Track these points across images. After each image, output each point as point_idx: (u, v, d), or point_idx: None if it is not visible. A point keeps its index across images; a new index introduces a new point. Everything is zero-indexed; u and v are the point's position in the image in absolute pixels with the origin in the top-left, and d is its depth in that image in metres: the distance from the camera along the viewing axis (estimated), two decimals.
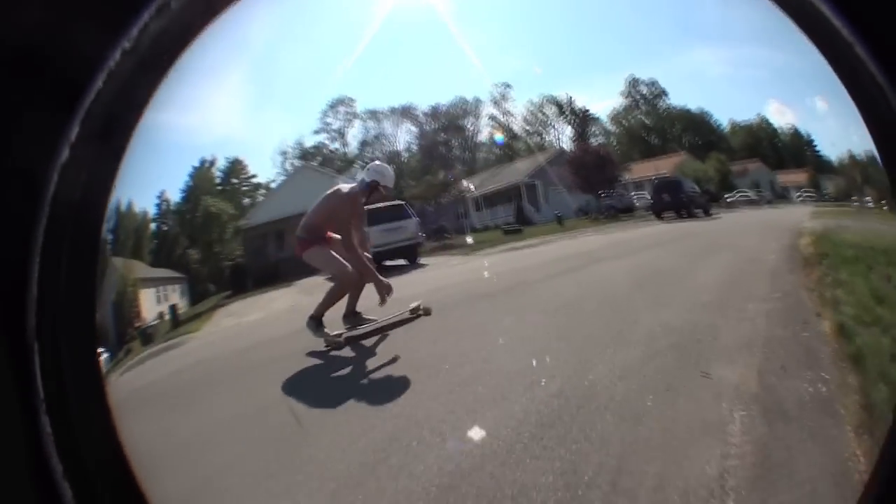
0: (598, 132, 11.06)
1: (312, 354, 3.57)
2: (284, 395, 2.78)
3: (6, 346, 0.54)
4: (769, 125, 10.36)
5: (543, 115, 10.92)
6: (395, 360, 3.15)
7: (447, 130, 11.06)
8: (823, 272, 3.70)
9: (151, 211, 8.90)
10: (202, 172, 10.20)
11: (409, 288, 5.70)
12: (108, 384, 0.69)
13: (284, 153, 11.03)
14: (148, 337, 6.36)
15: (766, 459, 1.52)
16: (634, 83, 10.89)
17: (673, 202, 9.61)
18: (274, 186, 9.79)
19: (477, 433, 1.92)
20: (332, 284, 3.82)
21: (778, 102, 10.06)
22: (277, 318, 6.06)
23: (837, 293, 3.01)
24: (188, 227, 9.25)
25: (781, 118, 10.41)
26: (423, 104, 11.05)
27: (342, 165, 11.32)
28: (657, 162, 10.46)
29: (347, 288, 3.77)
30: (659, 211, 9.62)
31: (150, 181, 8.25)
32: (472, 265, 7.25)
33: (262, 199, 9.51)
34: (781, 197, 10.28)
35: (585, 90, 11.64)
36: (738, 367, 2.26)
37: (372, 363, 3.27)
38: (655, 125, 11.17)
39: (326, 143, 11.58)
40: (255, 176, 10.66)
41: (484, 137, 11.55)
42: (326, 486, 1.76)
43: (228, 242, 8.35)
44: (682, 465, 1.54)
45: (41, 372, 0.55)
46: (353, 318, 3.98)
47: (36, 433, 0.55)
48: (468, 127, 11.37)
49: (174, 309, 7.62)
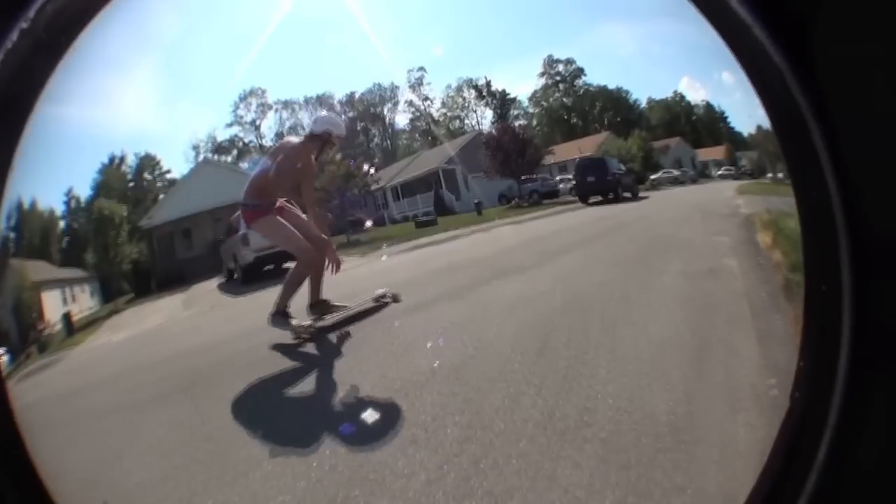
0: (519, 115, 10.91)
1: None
2: None
3: None
4: (684, 101, 10.32)
5: (462, 98, 10.72)
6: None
7: (365, 118, 10.77)
8: None
9: (59, 208, 8.60)
10: (112, 169, 9.85)
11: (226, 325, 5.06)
12: (9, 386, 0.72)
13: (196, 147, 10.68)
14: (43, 345, 6.19)
15: None
16: (551, 62, 10.74)
17: (599, 184, 9.16)
18: (175, 184, 9.47)
19: None
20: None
21: (689, 78, 10.01)
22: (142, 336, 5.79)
23: None
24: (83, 230, 8.93)
25: (695, 94, 10.41)
26: (339, 93, 10.74)
27: (259, 158, 11.02)
28: (580, 142, 10.46)
29: (307, 269, 3.38)
30: (584, 195, 9.21)
31: (55, 177, 7.94)
32: (356, 272, 6.15)
33: (162, 197, 9.18)
34: (702, 174, 10.29)
35: (504, 73, 11.50)
36: None
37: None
38: (575, 105, 11.11)
39: (241, 135, 11.24)
40: (168, 171, 10.35)
41: (404, 124, 11.31)
42: None
43: (123, 245, 8.07)
44: None
45: None
46: (320, 306, 3.52)
47: None
48: (386, 114, 11.12)
49: (67, 317, 7.37)
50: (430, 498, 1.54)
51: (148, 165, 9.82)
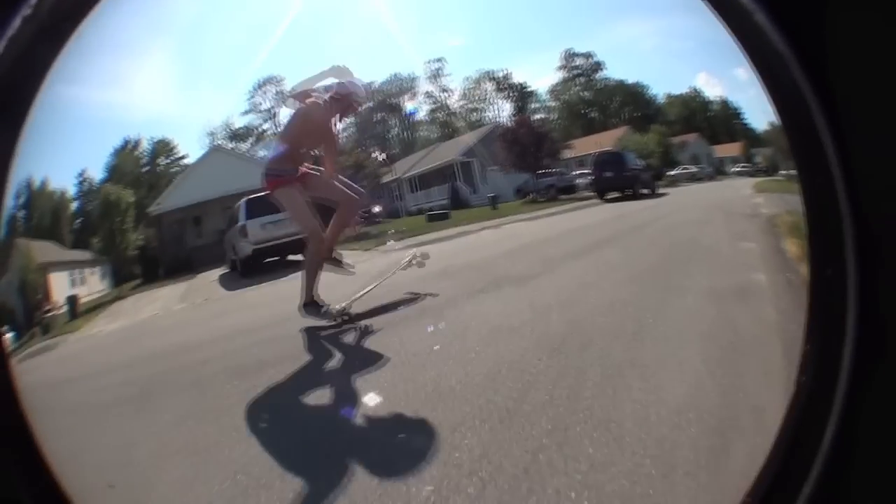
0: (538, 108, 11.01)
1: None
2: None
3: None
4: (701, 96, 10.49)
5: (481, 91, 10.79)
6: None
7: (382, 108, 10.80)
8: None
9: (72, 190, 8.50)
10: (125, 152, 9.77)
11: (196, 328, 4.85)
12: (12, 363, 0.71)
13: (212, 134, 10.63)
14: (46, 327, 6.13)
15: None
16: (570, 56, 10.87)
17: (616, 180, 9.07)
18: (185, 170, 9.38)
19: None
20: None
21: (706, 74, 10.17)
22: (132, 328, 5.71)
23: None
24: (94, 213, 8.85)
25: (711, 90, 10.58)
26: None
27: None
28: (599, 137, 10.51)
29: (319, 254, 3.37)
30: (602, 190, 9.08)
31: (68, 159, 7.86)
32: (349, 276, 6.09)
33: (172, 183, 9.09)
34: (719, 170, 10.42)
35: (523, 66, 11.61)
36: None
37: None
38: (594, 99, 11.22)
39: (258, 123, 11.21)
40: (184, 157, 10.26)
41: (423, 115, 11.36)
42: None
43: (128, 231, 7.98)
44: None
45: None
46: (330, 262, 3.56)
47: None
48: (405, 104, 11.16)
49: (72, 300, 7.28)
50: None
51: (163, 150, 9.73)
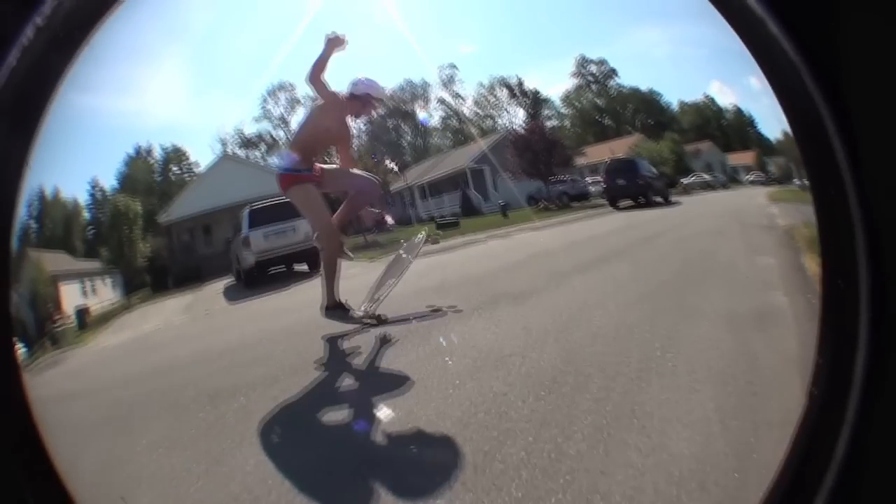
0: (551, 115, 11.06)
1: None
2: None
3: None
4: (715, 105, 10.56)
5: (494, 97, 10.84)
6: None
7: (395, 115, 10.85)
8: None
9: (84, 199, 8.51)
10: (138, 160, 9.80)
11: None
12: (25, 377, 0.72)
13: (223, 141, 10.66)
14: (55, 339, 6.12)
15: None
16: (584, 63, 10.93)
17: (629, 188, 8.99)
18: (195, 179, 9.39)
19: None
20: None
21: (720, 82, 10.24)
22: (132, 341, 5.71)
23: None
24: (105, 222, 8.86)
25: (725, 98, 10.65)
26: None
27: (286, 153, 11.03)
28: (612, 144, 10.53)
29: (334, 253, 3.33)
30: (614, 198, 9.04)
31: (81, 168, 7.88)
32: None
33: (181, 192, 9.10)
34: (732, 179, 10.46)
35: (536, 73, 11.66)
36: None
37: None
38: (608, 106, 11.27)
39: (270, 130, 11.25)
40: (197, 164, 10.29)
41: (436, 122, 11.40)
42: None
43: (137, 241, 7.97)
44: None
45: None
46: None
47: None
48: (418, 111, 11.21)
49: (81, 312, 7.28)
50: None
51: (175, 158, 9.75)
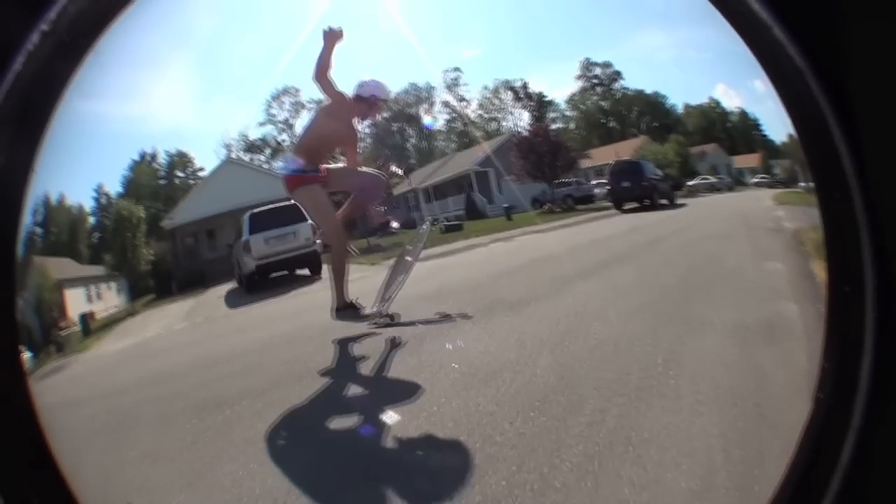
0: (555, 117, 11.14)
1: None
2: None
3: None
4: (720, 107, 10.67)
5: (499, 100, 10.93)
6: None
7: (400, 119, 10.91)
8: None
9: (89, 204, 8.60)
10: (142, 166, 9.90)
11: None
12: (31, 383, 0.73)
13: (228, 146, 10.74)
14: (60, 346, 6.07)
15: None
16: (589, 65, 11.02)
17: (634, 190, 8.95)
18: (199, 183, 9.47)
19: None
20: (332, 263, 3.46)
21: (725, 85, 10.33)
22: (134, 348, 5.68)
23: None
24: (104, 230, 8.94)
25: (730, 101, 10.75)
26: None
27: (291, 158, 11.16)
28: (617, 146, 10.60)
29: (342, 254, 3.33)
30: (619, 201, 9.01)
31: (86, 173, 7.96)
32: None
33: (185, 197, 9.17)
34: (738, 181, 10.54)
35: (541, 76, 11.74)
36: None
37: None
38: (613, 108, 11.35)
39: (274, 134, 11.34)
40: (201, 169, 10.36)
41: (440, 125, 11.49)
42: None
43: (140, 247, 8.04)
44: None
45: None
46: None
47: None
48: (422, 115, 11.29)
49: (85, 318, 7.33)
50: None
51: (180, 163, 9.83)
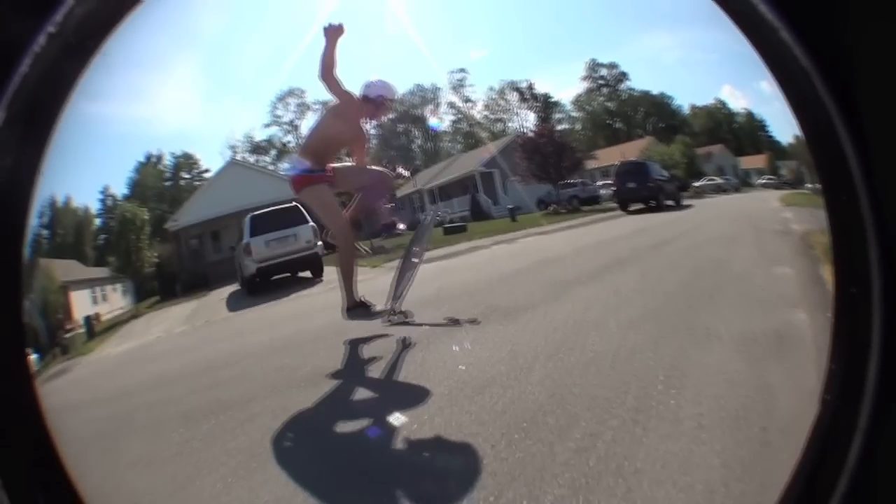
0: (561, 118, 11.18)
1: None
2: None
3: None
4: (726, 108, 10.71)
5: (505, 101, 10.97)
6: None
7: (406, 120, 10.95)
8: None
9: (95, 206, 8.66)
10: (148, 167, 9.97)
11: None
12: (38, 384, 0.74)
13: (234, 147, 10.80)
14: (65, 348, 6.14)
15: None
16: (595, 66, 11.06)
17: (640, 191, 9.01)
18: (203, 185, 9.52)
19: None
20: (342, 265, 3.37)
21: (731, 86, 10.38)
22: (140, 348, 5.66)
23: None
24: (109, 231, 9.01)
25: (736, 102, 10.80)
26: None
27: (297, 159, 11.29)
28: (623, 147, 10.63)
29: (350, 253, 3.30)
30: (624, 201, 9.06)
31: (92, 175, 8.02)
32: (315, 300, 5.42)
33: (189, 199, 9.22)
34: (744, 182, 10.58)
35: (548, 76, 11.78)
36: None
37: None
38: (619, 109, 11.38)
39: (279, 135, 11.40)
40: (207, 171, 10.43)
41: (446, 126, 11.55)
42: None
43: (143, 249, 8.09)
44: None
45: None
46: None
47: None
48: (428, 116, 11.34)
49: (89, 320, 7.39)
50: None
51: (185, 164, 9.88)
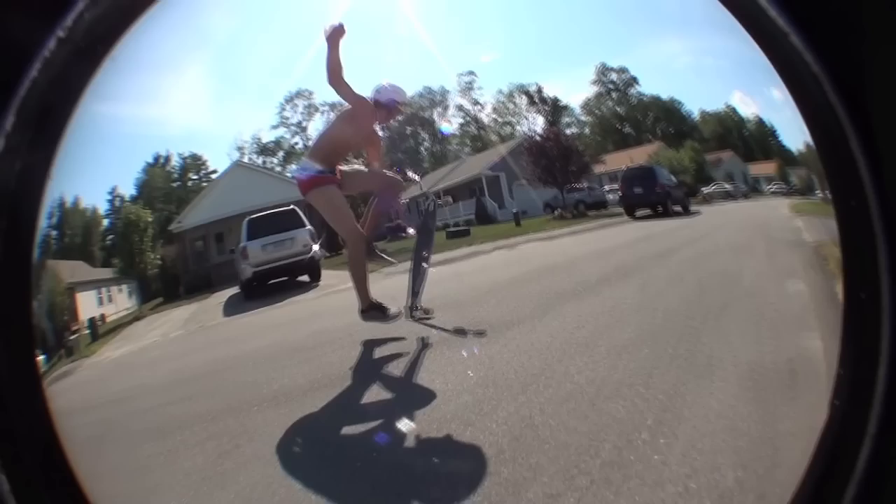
0: (570, 122, 11.16)
1: None
2: None
3: None
4: (736, 114, 10.67)
5: (514, 104, 10.96)
6: None
7: (414, 122, 10.94)
8: None
9: (103, 207, 8.72)
10: (156, 168, 10.03)
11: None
12: (45, 386, 0.74)
13: (241, 149, 10.84)
14: (70, 350, 6.25)
15: None
16: (604, 70, 11.03)
17: (647, 197, 8.86)
18: (208, 186, 9.56)
19: None
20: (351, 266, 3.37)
21: (741, 93, 10.33)
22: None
23: None
24: (115, 233, 9.08)
25: (746, 108, 10.76)
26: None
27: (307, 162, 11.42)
28: (631, 152, 10.60)
29: (360, 255, 3.31)
30: (630, 207, 8.95)
31: (101, 176, 8.07)
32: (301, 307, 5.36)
33: (193, 200, 9.25)
34: (754, 189, 10.54)
35: (557, 81, 11.76)
36: None
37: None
38: (628, 114, 11.34)
39: (287, 137, 11.44)
40: (215, 171, 10.48)
41: (454, 128, 11.55)
42: None
43: (147, 251, 8.15)
44: None
45: None
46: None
47: None
48: (436, 118, 11.35)
49: (93, 322, 7.45)
50: None
51: (193, 165, 9.91)
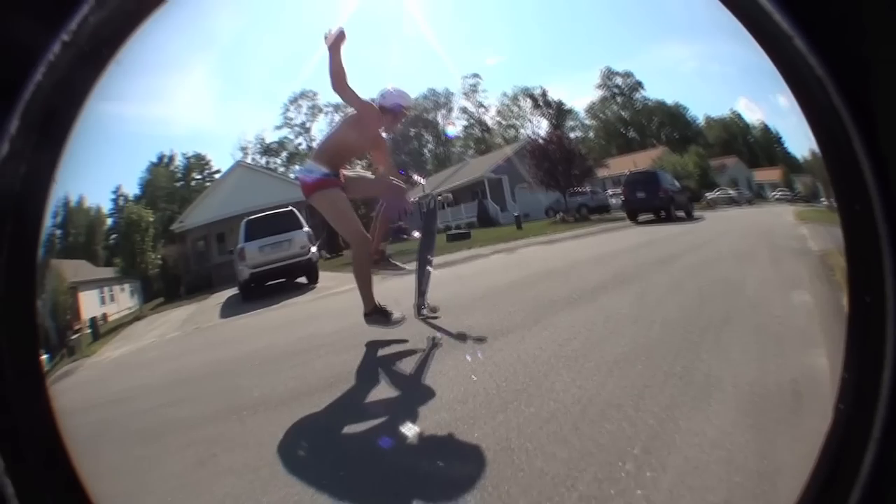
0: (575, 126, 11.18)
1: None
2: None
3: None
4: (742, 121, 10.69)
5: (518, 107, 10.98)
6: None
7: (418, 124, 10.97)
8: None
9: (107, 206, 8.81)
10: (160, 168, 10.11)
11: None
12: (49, 385, 0.75)
13: (245, 149, 10.90)
14: (71, 349, 6.21)
15: None
16: (609, 74, 11.04)
17: (649, 201, 8.88)
18: (210, 187, 9.63)
19: None
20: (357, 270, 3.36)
21: (747, 99, 10.33)
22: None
23: None
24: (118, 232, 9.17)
25: (752, 115, 10.76)
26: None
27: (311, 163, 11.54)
28: (635, 156, 10.62)
29: (365, 259, 3.30)
30: (633, 212, 8.92)
31: (104, 175, 8.15)
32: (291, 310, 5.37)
33: (195, 200, 9.32)
34: (758, 195, 10.56)
35: (561, 84, 11.76)
36: None
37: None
38: (633, 118, 11.36)
39: (291, 138, 11.50)
40: (218, 171, 10.55)
41: (457, 131, 11.57)
42: None
43: (148, 251, 8.23)
44: None
45: None
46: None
47: None
48: (440, 120, 11.38)
49: (94, 322, 7.54)
50: None
51: (197, 165, 9.98)
